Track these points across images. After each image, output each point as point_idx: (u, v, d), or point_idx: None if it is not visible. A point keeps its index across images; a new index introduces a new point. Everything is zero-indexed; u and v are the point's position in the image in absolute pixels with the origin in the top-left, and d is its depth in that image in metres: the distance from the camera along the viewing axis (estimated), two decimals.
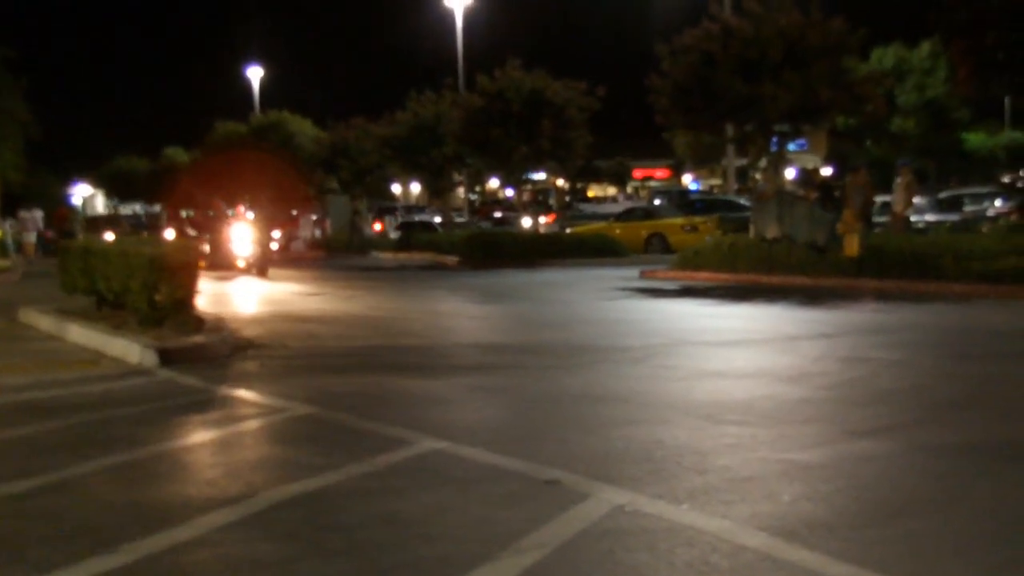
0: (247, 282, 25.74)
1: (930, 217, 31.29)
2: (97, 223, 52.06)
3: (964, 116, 60.53)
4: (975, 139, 62.44)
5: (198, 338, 11.94)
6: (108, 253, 13.90)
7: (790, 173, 31.63)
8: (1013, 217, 31.05)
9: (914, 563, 4.54)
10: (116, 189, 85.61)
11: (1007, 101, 49.87)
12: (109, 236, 29.61)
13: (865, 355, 10.89)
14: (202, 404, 8.95)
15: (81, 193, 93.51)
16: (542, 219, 42.41)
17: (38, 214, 48.37)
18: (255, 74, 71.55)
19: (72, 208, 71.44)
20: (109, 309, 14.02)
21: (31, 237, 46.16)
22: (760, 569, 4.54)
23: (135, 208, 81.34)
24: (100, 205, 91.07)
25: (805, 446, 6.72)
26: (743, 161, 40.11)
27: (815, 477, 5.98)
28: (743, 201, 34.95)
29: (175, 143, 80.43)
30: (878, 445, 6.72)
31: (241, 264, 27.88)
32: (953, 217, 31.23)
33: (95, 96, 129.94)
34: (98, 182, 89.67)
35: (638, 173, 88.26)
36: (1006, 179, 41.24)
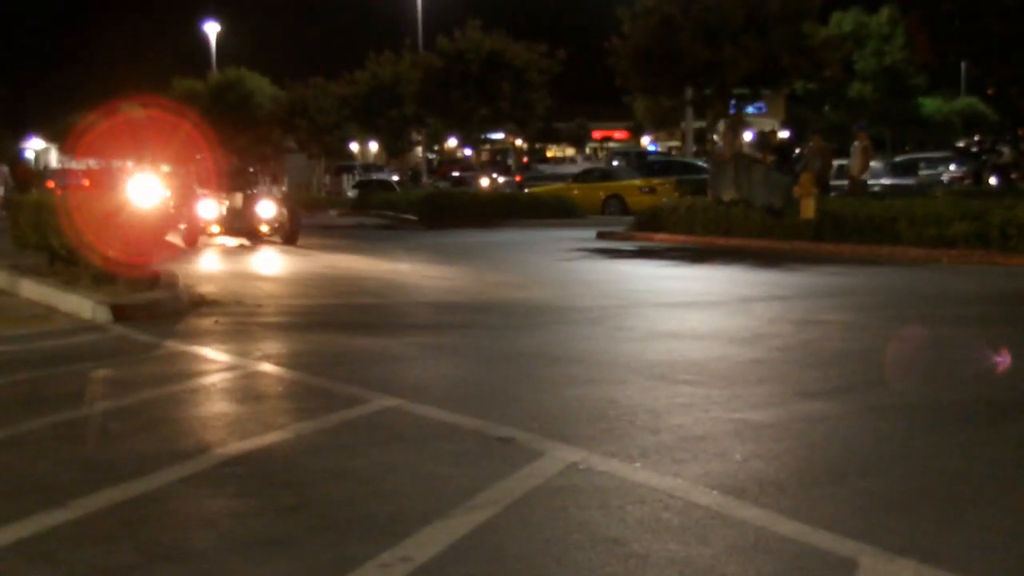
0: (246, 247, 23.40)
1: (886, 181, 31.55)
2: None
3: (921, 83, 60.79)
4: (931, 105, 62.79)
5: (152, 294, 11.85)
6: (61, 208, 13.73)
7: (748, 136, 31.72)
8: (966, 182, 31.44)
9: (861, 520, 4.59)
10: (71, 145, 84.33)
11: (963, 68, 50.16)
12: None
13: (818, 318, 10.98)
14: (154, 360, 8.88)
15: (34, 147, 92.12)
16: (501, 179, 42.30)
17: (4, 169, 47.62)
18: (212, 29, 70.60)
19: (28, 163, 70.44)
20: (63, 265, 13.88)
21: None
22: (711, 526, 4.58)
23: (88, 163, 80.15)
24: (54, 160, 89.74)
25: (757, 406, 6.77)
26: (702, 123, 40.19)
27: (766, 436, 6.04)
28: (700, 163, 35.02)
29: (131, 99, 79.21)
30: (829, 406, 6.79)
31: (265, 229, 23.54)
32: (908, 181, 31.52)
33: (49, 50, 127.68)
34: (53, 137, 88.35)
35: (597, 134, 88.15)
36: (960, 144, 41.61)
